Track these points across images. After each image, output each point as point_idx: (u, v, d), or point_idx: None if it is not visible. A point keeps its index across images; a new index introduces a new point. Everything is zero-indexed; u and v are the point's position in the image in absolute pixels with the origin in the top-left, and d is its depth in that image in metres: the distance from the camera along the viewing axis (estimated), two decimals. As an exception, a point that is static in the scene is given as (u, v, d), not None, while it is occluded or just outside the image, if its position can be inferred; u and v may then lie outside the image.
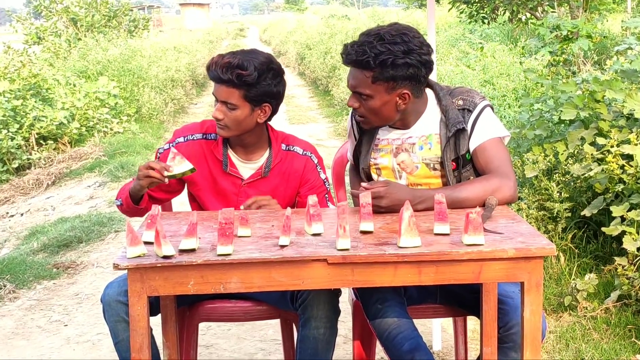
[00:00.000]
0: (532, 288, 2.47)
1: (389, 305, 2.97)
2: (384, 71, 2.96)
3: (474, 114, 3.08)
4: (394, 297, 3.01)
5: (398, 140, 3.19)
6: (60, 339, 4.72)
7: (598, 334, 4.28)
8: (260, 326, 4.71)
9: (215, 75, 3.12)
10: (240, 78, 3.09)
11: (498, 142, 3.09)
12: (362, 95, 3.04)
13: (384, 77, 2.97)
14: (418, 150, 3.15)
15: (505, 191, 2.96)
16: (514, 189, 2.98)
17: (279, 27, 36.84)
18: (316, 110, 15.09)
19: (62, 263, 6.12)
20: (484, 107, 3.10)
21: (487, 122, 3.10)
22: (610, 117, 4.96)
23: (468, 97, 3.12)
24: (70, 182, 9.37)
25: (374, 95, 3.02)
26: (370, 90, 3.01)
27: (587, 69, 9.61)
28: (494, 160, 3.04)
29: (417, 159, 3.15)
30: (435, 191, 2.95)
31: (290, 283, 2.48)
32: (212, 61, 3.15)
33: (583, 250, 5.12)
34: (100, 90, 12.17)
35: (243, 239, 2.62)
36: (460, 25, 19.00)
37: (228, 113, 3.15)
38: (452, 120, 3.09)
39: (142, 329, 2.49)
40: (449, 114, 3.10)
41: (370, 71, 2.98)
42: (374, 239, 2.58)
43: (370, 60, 2.95)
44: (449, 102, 3.12)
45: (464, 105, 3.10)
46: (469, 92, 3.16)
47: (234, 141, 3.29)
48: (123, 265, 2.42)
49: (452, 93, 3.16)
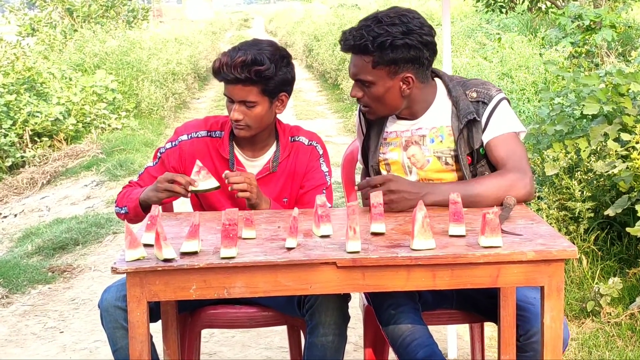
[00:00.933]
0: (553, 293, 2.46)
1: (402, 310, 2.97)
2: (384, 54, 2.98)
3: (489, 106, 3.09)
4: (408, 302, 3.01)
5: (407, 132, 3.19)
6: (56, 347, 4.73)
7: (622, 341, 4.27)
8: (266, 333, 4.71)
9: (229, 77, 3.11)
10: (259, 74, 3.09)
11: (514, 137, 3.09)
12: (364, 83, 3.06)
13: (385, 61, 2.99)
14: (429, 143, 3.15)
15: (520, 188, 2.96)
16: (531, 186, 2.98)
17: (286, 17, 36.83)
18: (325, 105, 15.09)
19: (58, 266, 6.13)
20: (500, 100, 3.11)
21: (503, 115, 3.10)
22: (635, 111, 4.94)
23: (483, 89, 3.13)
24: (66, 181, 9.38)
25: (376, 82, 3.03)
26: (372, 76, 3.03)
27: (610, 60, 9.59)
28: (509, 155, 3.04)
29: (428, 152, 3.15)
30: (444, 185, 2.96)
31: (298, 287, 2.48)
32: (220, 63, 3.13)
33: (606, 252, 5.11)
34: (98, 84, 12.18)
35: (248, 241, 2.62)
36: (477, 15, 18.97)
37: (248, 112, 3.16)
38: (462, 111, 3.09)
39: (142, 336, 2.49)
40: (460, 105, 3.10)
41: (369, 56, 3.00)
42: (385, 241, 2.58)
43: (368, 44, 2.97)
44: (460, 94, 3.12)
45: (478, 98, 3.11)
46: (484, 84, 3.17)
47: (242, 138, 3.29)
48: (122, 269, 2.42)
49: (464, 84, 3.16)
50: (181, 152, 3.30)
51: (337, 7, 31.18)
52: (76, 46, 16.05)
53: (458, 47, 13.98)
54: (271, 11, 51.84)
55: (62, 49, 16.77)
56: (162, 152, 3.35)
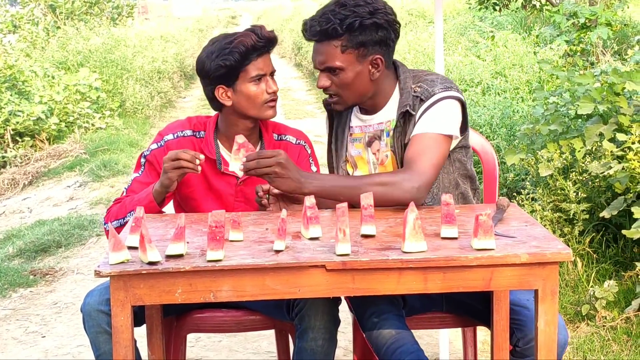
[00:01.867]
0: (547, 296, 2.47)
1: (385, 318, 2.96)
2: (353, 37, 3.00)
3: (426, 103, 3.07)
4: (391, 310, 2.99)
5: (370, 128, 3.20)
6: (38, 352, 4.72)
7: (618, 345, 4.28)
8: (254, 337, 4.71)
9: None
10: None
11: (432, 138, 3.03)
12: (332, 71, 3.06)
13: (354, 44, 3.01)
14: (386, 137, 3.16)
15: (404, 190, 2.90)
16: (417, 190, 2.91)
17: (274, 14, 36.81)
18: (314, 104, 15.08)
19: (40, 269, 6.12)
20: (441, 99, 3.06)
21: (434, 115, 3.05)
22: (631, 111, 4.95)
23: (428, 86, 3.10)
24: (48, 182, 9.36)
25: (345, 67, 3.04)
26: (341, 61, 3.03)
27: (606, 59, 9.61)
28: (414, 156, 2.99)
29: (385, 147, 3.15)
30: (328, 176, 2.99)
31: (286, 291, 2.47)
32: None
33: (602, 255, 5.12)
34: (81, 82, 12.15)
35: (235, 244, 2.62)
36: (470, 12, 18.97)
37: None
38: (400, 104, 3.10)
39: (126, 341, 2.49)
40: (402, 97, 3.11)
41: (338, 40, 3.02)
42: (376, 243, 2.58)
43: (337, 27, 2.99)
44: (408, 86, 3.12)
45: (418, 93, 3.09)
46: (433, 80, 3.12)
47: (227, 136, 3.29)
48: (105, 272, 2.41)
49: (416, 77, 3.15)
50: (168, 152, 3.28)
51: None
52: (59, 44, 15.99)
53: (450, 45, 14.00)
54: (259, 8, 51.79)
55: (45, 46, 16.71)
56: (146, 154, 3.33)
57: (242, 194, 3.30)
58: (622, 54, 10.05)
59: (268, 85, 3.21)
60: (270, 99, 3.22)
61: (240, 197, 3.30)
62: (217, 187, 3.30)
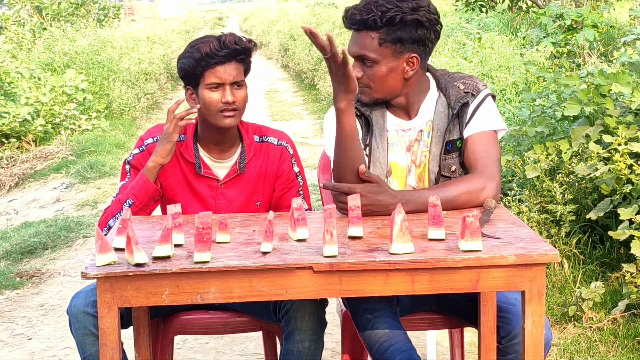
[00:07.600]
0: (534, 297, 2.47)
1: (379, 315, 2.96)
2: (391, 31, 2.96)
3: (477, 99, 3.08)
4: (385, 307, 3.00)
5: (411, 132, 3.16)
6: (24, 354, 4.70)
7: (605, 346, 4.29)
8: (241, 339, 4.71)
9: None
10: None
11: (492, 137, 3.08)
12: (366, 62, 3.03)
13: (391, 39, 2.98)
14: (426, 137, 3.14)
15: (487, 193, 2.96)
16: (497, 192, 2.98)
17: (261, 16, 36.81)
18: (301, 105, 15.09)
19: (26, 271, 6.10)
20: (487, 96, 3.10)
21: (488, 112, 3.09)
22: (617, 112, 4.97)
23: (470, 82, 3.12)
24: (34, 183, 9.33)
25: (380, 61, 3.01)
26: (376, 54, 3.00)
27: (592, 61, 9.64)
28: (481, 157, 3.03)
29: (425, 147, 3.14)
30: (419, 192, 2.95)
31: (273, 293, 2.47)
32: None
33: (588, 256, 5.14)
34: (68, 84, 12.11)
35: (222, 245, 2.62)
36: (456, 14, 19.02)
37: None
38: (454, 97, 3.09)
39: (113, 343, 2.48)
40: (449, 92, 3.10)
41: (376, 32, 2.98)
42: (363, 244, 2.58)
43: (377, 19, 2.95)
44: (449, 83, 3.12)
45: (466, 89, 3.10)
46: (471, 77, 3.16)
47: (205, 140, 3.30)
48: (92, 273, 2.41)
49: (450, 76, 3.16)
50: (150, 155, 3.28)
51: (313, 5, 31.16)
52: (45, 45, 15.94)
53: (437, 47, 13.97)
54: (246, 10, 51.82)
55: (31, 47, 16.66)
56: (129, 160, 3.35)
57: (223, 196, 3.31)
58: (608, 56, 10.08)
59: (224, 94, 3.20)
60: (225, 109, 3.21)
61: (221, 199, 3.31)
62: (198, 190, 3.31)
